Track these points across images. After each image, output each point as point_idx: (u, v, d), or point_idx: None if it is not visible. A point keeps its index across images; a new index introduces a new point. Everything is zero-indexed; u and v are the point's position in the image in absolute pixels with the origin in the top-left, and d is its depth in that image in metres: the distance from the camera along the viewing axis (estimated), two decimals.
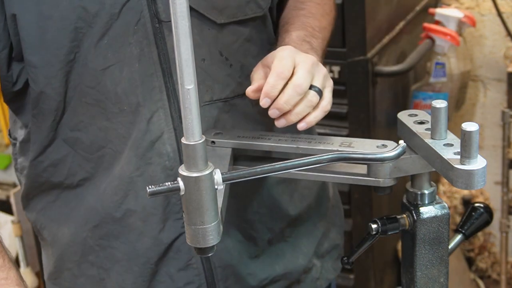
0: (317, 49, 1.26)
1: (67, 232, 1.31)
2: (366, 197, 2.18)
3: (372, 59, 2.08)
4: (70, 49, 1.17)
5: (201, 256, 0.99)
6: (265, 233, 1.34)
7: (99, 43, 1.16)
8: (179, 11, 0.83)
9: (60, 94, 1.20)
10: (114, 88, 1.18)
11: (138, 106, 1.19)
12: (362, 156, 1.02)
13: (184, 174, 0.91)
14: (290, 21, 1.32)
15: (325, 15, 1.36)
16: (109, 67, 1.17)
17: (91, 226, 1.27)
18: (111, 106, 1.19)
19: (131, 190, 1.23)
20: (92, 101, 1.19)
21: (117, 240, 1.27)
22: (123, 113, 1.20)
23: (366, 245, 1.11)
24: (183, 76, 0.86)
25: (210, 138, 1.15)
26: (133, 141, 1.20)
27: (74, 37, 1.16)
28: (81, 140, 1.23)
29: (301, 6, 1.35)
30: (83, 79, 1.18)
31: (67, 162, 1.26)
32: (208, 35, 1.21)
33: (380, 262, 2.33)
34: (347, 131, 2.13)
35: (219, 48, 1.23)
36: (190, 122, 0.88)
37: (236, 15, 1.24)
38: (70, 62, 1.18)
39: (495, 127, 2.69)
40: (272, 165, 0.98)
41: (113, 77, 1.18)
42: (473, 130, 0.91)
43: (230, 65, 1.25)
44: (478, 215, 1.17)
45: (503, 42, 2.62)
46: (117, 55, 1.17)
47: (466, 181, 0.92)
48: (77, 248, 1.31)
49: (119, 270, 1.29)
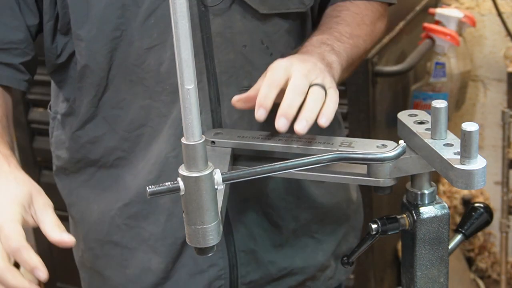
0: (339, 52, 1.21)
1: (96, 210, 1.33)
2: (366, 197, 2.17)
3: (372, 59, 2.08)
4: (117, 26, 1.19)
5: (201, 256, 0.99)
6: (290, 222, 1.36)
7: (146, 22, 1.19)
8: (179, 11, 0.83)
9: (104, 70, 1.22)
10: (157, 67, 1.21)
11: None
12: (362, 156, 1.02)
13: (184, 174, 0.91)
14: (319, 27, 1.30)
15: (362, 25, 1.32)
16: (154, 47, 1.20)
17: (121, 204, 1.30)
18: (154, 85, 1.22)
19: (164, 171, 1.25)
20: (136, 79, 1.22)
21: (146, 220, 1.29)
22: (165, 92, 1.22)
23: (366, 245, 1.11)
24: (183, 76, 0.86)
25: (210, 138, 1.15)
26: (173, 120, 1.23)
27: (121, 14, 1.18)
28: (121, 118, 1.26)
29: (336, 14, 1.33)
30: (128, 57, 1.21)
31: (104, 140, 1.29)
32: (250, 23, 1.23)
33: (380, 262, 2.33)
34: (347, 131, 2.13)
35: (260, 37, 1.25)
36: (190, 122, 0.88)
37: (279, 7, 1.25)
38: (116, 39, 1.20)
39: (495, 127, 2.69)
40: (272, 165, 0.98)
41: (157, 56, 1.20)
42: (473, 130, 0.90)
43: (270, 54, 1.27)
44: (478, 215, 1.17)
45: (503, 42, 2.62)
46: (163, 36, 1.19)
47: (466, 181, 0.92)
48: (103, 226, 1.33)
49: (146, 250, 1.31)
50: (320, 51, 1.19)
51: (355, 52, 1.28)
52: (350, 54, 1.25)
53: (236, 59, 1.24)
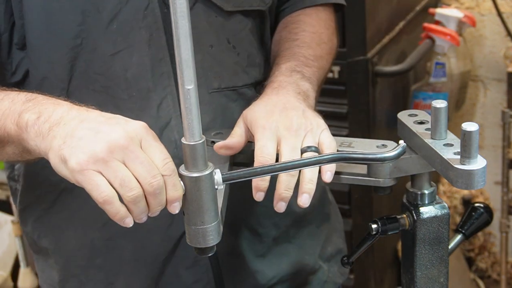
0: (310, 78, 1.22)
1: (72, 236, 1.28)
2: (366, 197, 2.18)
3: (372, 59, 2.08)
4: (77, 33, 1.15)
5: (202, 256, 0.99)
6: (271, 229, 1.34)
7: (108, 28, 1.15)
8: (179, 11, 0.83)
9: (64, 81, 1.18)
10: (124, 73, 1.17)
11: (148, 91, 1.18)
12: (362, 156, 1.02)
13: (184, 174, 0.91)
14: (282, 53, 1.29)
15: (322, 44, 1.33)
16: (119, 52, 1.17)
17: (99, 225, 1.25)
18: (120, 93, 1.18)
19: None
20: (100, 88, 1.18)
21: (124, 239, 1.25)
22: (132, 99, 1.18)
23: (366, 245, 1.11)
24: (183, 76, 0.86)
25: (210, 138, 1.15)
26: None
27: (81, 21, 1.15)
28: None
29: (294, 37, 1.32)
30: (91, 66, 1.17)
31: None
32: (216, 22, 1.22)
33: (380, 262, 2.33)
34: (347, 131, 2.13)
35: (226, 36, 1.24)
36: (190, 122, 0.88)
37: (242, 5, 1.25)
38: (77, 47, 1.16)
39: (495, 127, 2.69)
40: (273, 165, 0.99)
41: (123, 62, 1.17)
42: (473, 130, 0.91)
43: (237, 53, 1.25)
44: (478, 215, 1.17)
45: (503, 42, 2.62)
46: (127, 40, 1.16)
47: (466, 181, 0.92)
48: (84, 251, 1.28)
49: (127, 272, 1.28)
50: (293, 81, 1.18)
51: (322, 74, 1.29)
52: (318, 77, 1.26)
53: (204, 60, 1.22)
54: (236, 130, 1.11)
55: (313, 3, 1.39)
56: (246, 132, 1.10)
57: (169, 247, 1.25)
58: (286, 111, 1.09)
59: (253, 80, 1.28)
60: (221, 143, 1.09)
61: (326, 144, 1.06)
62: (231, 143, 1.09)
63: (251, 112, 1.11)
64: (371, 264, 2.25)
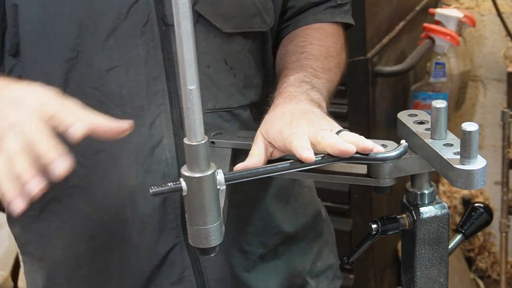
0: (320, 89, 1.19)
1: (59, 245, 1.27)
2: (366, 197, 2.18)
3: (372, 59, 2.08)
4: (73, 46, 1.14)
5: (204, 256, 0.99)
6: (258, 247, 1.32)
7: (105, 43, 1.14)
8: (182, 12, 0.83)
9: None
10: (119, 90, 1.16)
11: (142, 109, 1.17)
12: (363, 156, 1.02)
13: (186, 175, 0.91)
14: (289, 66, 1.25)
15: (329, 57, 1.29)
16: (114, 68, 1.15)
17: (87, 237, 1.24)
18: (114, 108, 1.17)
19: (129, 200, 1.20)
20: (94, 102, 1.16)
21: (112, 253, 1.24)
22: (125, 116, 1.14)
23: (366, 245, 1.11)
24: (185, 77, 0.86)
25: (210, 139, 1.15)
26: (134, 146, 1.18)
27: (78, 34, 1.13)
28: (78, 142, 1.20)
29: (301, 50, 1.28)
30: (86, 80, 1.16)
31: None
32: (214, 43, 1.20)
33: (380, 262, 2.33)
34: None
35: (224, 57, 1.22)
36: (193, 123, 0.88)
37: (243, 27, 1.22)
38: (72, 60, 1.15)
39: (495, 127, 2.69)
40: (274, 165, 0.99)
41: (118, 78, 1.16)
42: (473, 130, 0.91)
43: (234, 74, 1.23)
44: (478, 215, 1.17)
45: (503, 42, 2.62)
46: (123, 57, 1.15)
47: (466, 181, 0.92)
48: (70, 262, 1.27)
49: (111, 285, 1.27)
50: (303, 91, 1.15)
51: (332, 86, 1.25)
52: (328, 88, 1.23)
53: (200, 80, 1.19)
54: (255, 149, 1.06)
55: (317, 21, 1.35)
56: (266, 150, 1.05)
57: (155, 263, 1.24)
58: (306, 115, 1.06)
59: (249, 102, 1.26)
60: (240, 165, 1.03)
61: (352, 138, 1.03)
62: (251, 164, 1.03)
63: (270, 125, 1.06)
64: (371, 264, 2.26)
